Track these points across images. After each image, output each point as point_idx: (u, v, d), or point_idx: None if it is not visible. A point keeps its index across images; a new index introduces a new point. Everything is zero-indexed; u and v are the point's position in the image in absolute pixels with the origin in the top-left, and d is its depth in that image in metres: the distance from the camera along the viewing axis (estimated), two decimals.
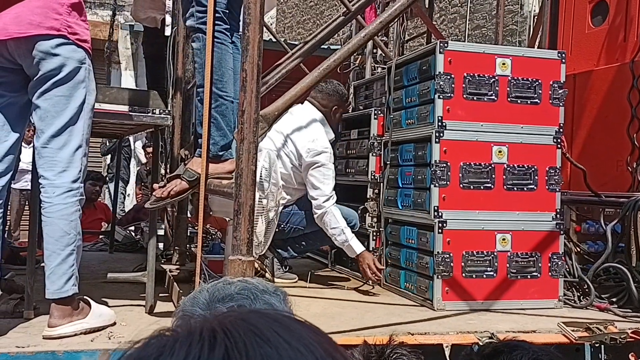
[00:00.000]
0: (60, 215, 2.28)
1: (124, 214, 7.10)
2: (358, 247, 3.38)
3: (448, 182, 2.94)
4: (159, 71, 3.62)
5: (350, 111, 4.28)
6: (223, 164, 2.57)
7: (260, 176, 2.78)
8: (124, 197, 8.84)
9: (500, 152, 3.01)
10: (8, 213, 7.06)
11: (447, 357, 2.30)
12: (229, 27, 2.60)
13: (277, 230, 3.15)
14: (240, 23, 2.55)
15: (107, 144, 8.20)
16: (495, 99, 3.01)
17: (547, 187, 3.06)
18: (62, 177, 2.30)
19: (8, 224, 7.03)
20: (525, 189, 3.03)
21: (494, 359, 1.08)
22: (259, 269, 3.31)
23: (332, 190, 3.44)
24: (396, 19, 5.21)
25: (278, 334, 0.53)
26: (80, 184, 2.35)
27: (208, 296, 1.17)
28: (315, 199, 3.42)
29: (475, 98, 2.99)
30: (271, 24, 13.55)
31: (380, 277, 3.37)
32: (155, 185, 2.63)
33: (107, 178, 7.92)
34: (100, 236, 4.91)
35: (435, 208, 2.93)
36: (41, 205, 2.33)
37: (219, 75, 2.53)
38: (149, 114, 2.74)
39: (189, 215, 3.78)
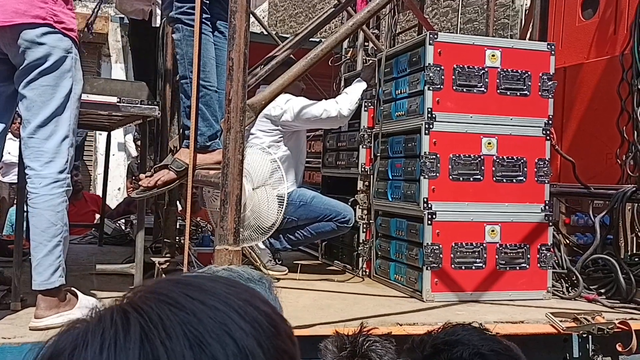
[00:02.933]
0: (47, 206, 2.27)
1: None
2: (358, 88, 3.58)
3: (438, 174, 2.94)
4: (146, 63, 3.60)
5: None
6: (211, 154, 2.56)
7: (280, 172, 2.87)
8: None
9: (489, 143, 3.01)
10: None
11: None
12: (209, 16, 2.59)
13: None
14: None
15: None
16: (485, 90, 3.01)
17: (536, 178, 3.06)
18: (48, 167, 2.28)
19: None
20: (514, 180, 3.04)
21: (434, 357, 1.06)
22: (254, 258, 3.31)
23: (320, 103, 3.59)
24: (388, 12, 5.20)
25: (191, 298, 0.53)
26: (67, 174, 2.33)
27: None
28: (321, 117, 3.56)
29: (464, 90, 2.99)
30: (263, 17, 13.50)
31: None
32: (142, 175, 2.61)
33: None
34: (91, 229, 4.88)
35: (425, 200, 2.93)
36: (27, 196, 2.31)
37: (201, 65, 2.52)
38: (137, 105, 2.72)
39: (179, 207, 3.77)
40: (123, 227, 4.74)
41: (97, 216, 6.53)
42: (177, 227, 3.72)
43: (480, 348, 1.03)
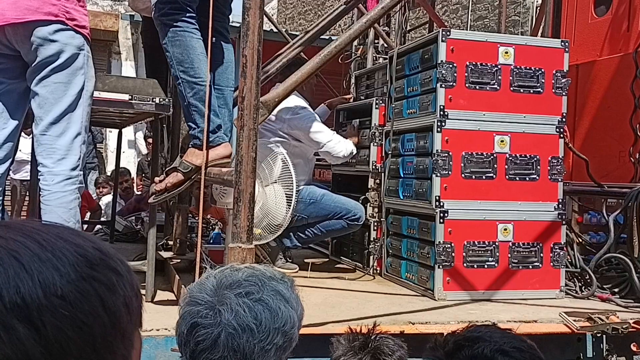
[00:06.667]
0: (59, 203, 2.27)
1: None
2: (350, 144, 3.64)
3: (450, 172, 2.92)
4: (158, 60, 3.59)
5: (351, 101, 4.26)
6: (216, 149, 2.57)
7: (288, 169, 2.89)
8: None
9: (502, 141, 2.98)
10: (8, 204, 7.06)
11: None
12: (194, 14, 2.60)
13: None
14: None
15: None
16: (498, 88, 2.98)
17: (549, 177, 3.04)
18: (61, 164, 2.28)
19: (9, 215, 7.02)
20: (527, 178, 3.01)
21: (456, 353, 1.05)
22: (262, 257, 3.31)
23: (329, 132, 3.64)
24: (398, 9, 5.18)
25: None
26: (80, 171, 2.34)
27: (215, 282, 1.16)
28: (322, 145, 3.60)
29: (477, 87, 2.97)
30: (272, 15, 13.49)
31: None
32: (156, 179, 2.63)
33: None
34: (101, 226, 4.89)
35: (437, 198, 2.91)
36: (40, 193, 2.32)
37: (189, 63, 2.54)
38: (149, 102, 2.72)
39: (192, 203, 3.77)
40: (134, 224, 4.75)
41: (88, 214, 6.57)
42: (188, 224, 3.72)
43: (502, 345, 1.03)
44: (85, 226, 4.83)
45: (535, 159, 3.02)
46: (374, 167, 3.57)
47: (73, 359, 0.53)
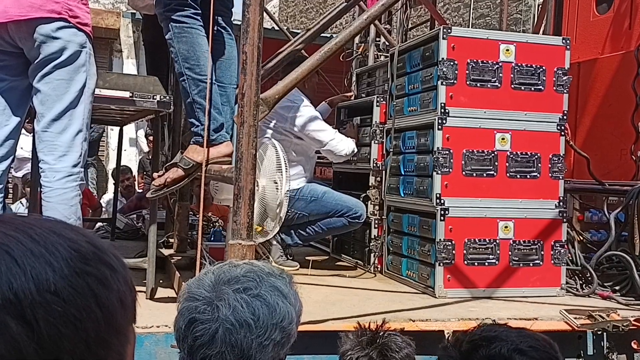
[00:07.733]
0: (61, 200, 2.28)
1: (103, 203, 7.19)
2: (351, 143, 3.66)
3: (450, 170, 2.92)
4: (159, 58, 3.60)
5: (352, 98, 4.26)
6: (218, 147, 2.57)
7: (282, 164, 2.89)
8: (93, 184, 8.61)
9: (503, 139, 2.98)
10: (10, 201, 7.06)
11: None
12: (199, 11, 2.59)
13: None
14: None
15: None
16: (499, 85, 2.98)
17: (550, 174, 3.04)
18: (62, 161, 2.29)
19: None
20: (528, 176, 3.01)
21: (472, 353, 1.04)
22: (261, 254, 3.31)
23: (332, 131, 3.66)
24: (399, 7, 5.17)
25: None
26: (81, 168, 2.34)
27: (214, 278, 1.17)
28: (325, 144, 3.61)
29: (478, 84, 2.96)
30: (274, 13, 13.49)
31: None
32: (155, 175, 2.64)
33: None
34: (102, 223, 4.90)
35: (438, 195, 2.91)
36: (41, 189, 2.32)
37: (194, 60, 2.53)
38: (150, 100, 2.73)
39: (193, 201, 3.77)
40: (135, 222, 4.75)
41: (89, 211, 6.57)
42: (189, 221, 3.73)
43: (518, 344, 1.02)
44: (86, 223, 4.84)
45: (536, 156, 3.02)
46: (375, 164, 3.57)
47: (66, 356, 0.53)
